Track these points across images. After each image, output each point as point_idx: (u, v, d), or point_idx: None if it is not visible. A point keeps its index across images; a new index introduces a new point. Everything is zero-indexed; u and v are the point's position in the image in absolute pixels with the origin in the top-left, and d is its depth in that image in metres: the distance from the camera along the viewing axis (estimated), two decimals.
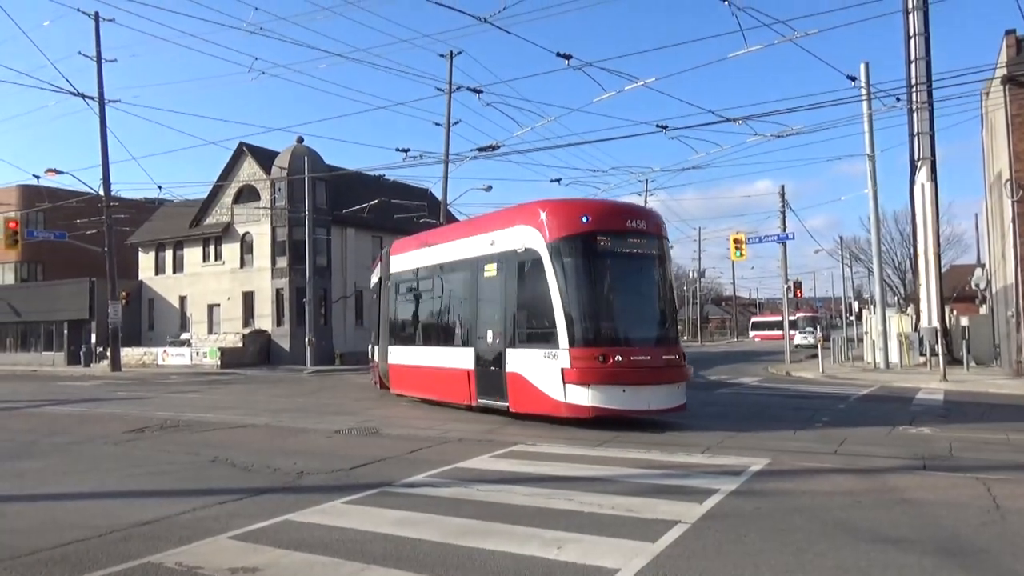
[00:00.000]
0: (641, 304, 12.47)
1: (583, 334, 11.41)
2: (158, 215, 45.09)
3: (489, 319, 13.24)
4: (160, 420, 13.79)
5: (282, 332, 37.21)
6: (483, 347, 13.26)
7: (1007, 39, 22.88)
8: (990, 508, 6.23)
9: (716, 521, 5.93)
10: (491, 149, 22.83)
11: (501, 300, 12.87)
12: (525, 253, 12.31)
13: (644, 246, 12.28)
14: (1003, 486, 7.02)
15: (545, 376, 11.65)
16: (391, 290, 17.80)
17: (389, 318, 17.85)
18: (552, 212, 12.25)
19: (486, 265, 13.41)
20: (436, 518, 6.17)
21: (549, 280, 11.74)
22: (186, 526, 6.09)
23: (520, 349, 12.26)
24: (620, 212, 12.59)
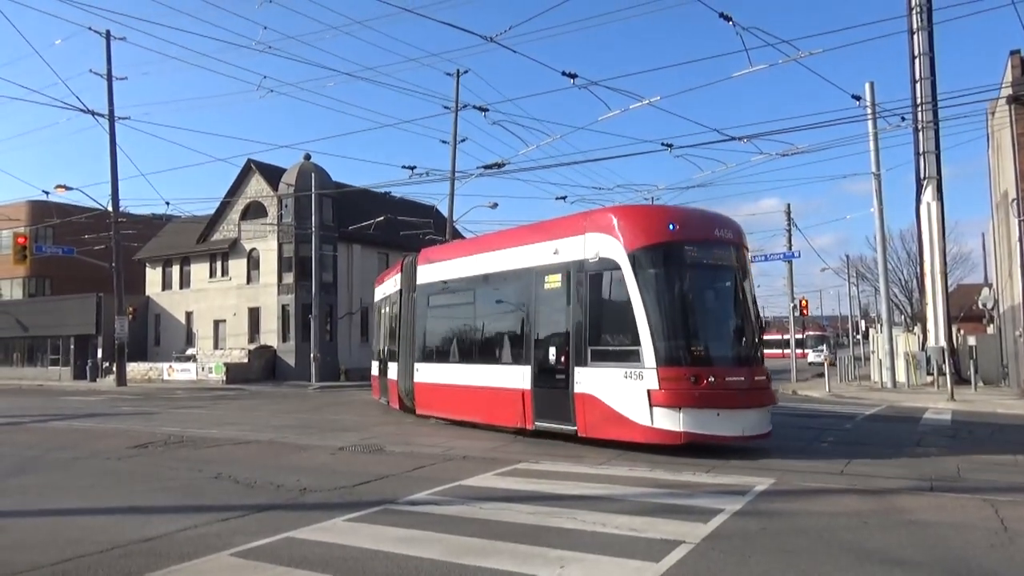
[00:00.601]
0: (730, 320, 11.55)
1: (673, 352, 10.45)
2: (166, 231, 45.34)
3: (550, 335, 12.19)
4: (164, 436, 13.78)
5: (287, 348, 37.25)
6: (543, 365, 12.13)
7: (1012, 59, 22.95)
8: (998, 530, 6.16)
9: (721, 541, 5.88)
10: (497, 167, 22.90)
11: (567, 314, 11.78)
12: (599, 263, 11.25)
13: (730, 257, 11.49)
14: (1011, 508, 6.95)
15: (626, 398, 10.59)
16: (417, 303, 16.28)
17: (415, 333, 16.24)
18: (632, 219, 11.35)
19: (547, 276, 12.24)
20: (439, 536, 6.13)
21: (631, 293, 10.70)
22: (188, 542, 6.06)
23: (593, 368, 11.12)
24: (706, 220, 11.67)
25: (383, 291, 20.52)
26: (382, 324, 20.34)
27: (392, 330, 18.52)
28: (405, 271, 17.37)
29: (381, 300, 20.81)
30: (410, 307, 16.75)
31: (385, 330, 19.73)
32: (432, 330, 15.85)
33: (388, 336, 19.12)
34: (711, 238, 11.32)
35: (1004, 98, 22.69)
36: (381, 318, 20.56)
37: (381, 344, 20.24)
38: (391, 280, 19.11)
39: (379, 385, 20.16)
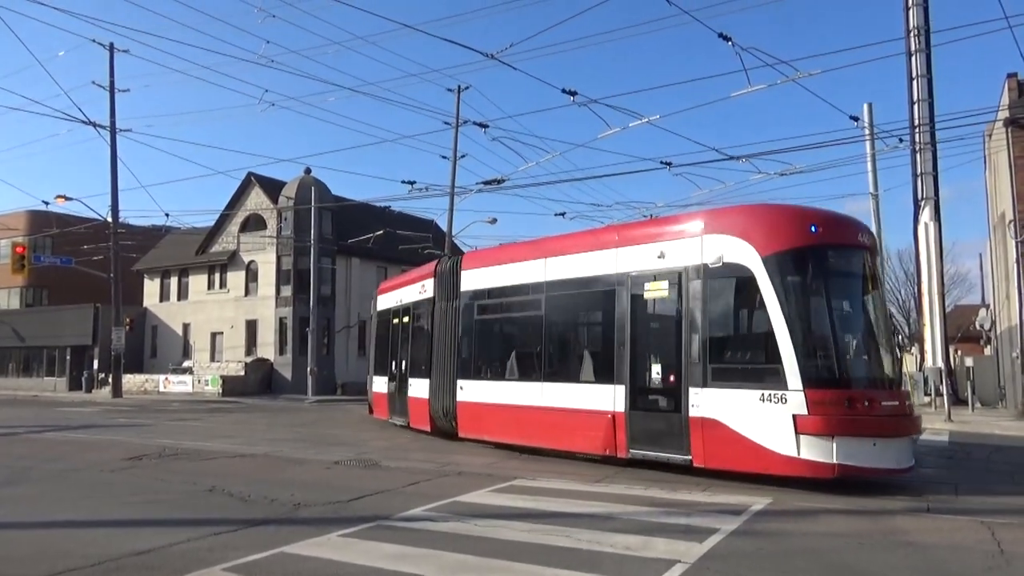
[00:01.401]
0: (877, 335, 10.23)
1: (823, 372, 9.21)
2: (164, 242, 45.36)
3: (653, 350, 10.72)
4: (159, 448, 13.71)
5: (284, 361, 37.16)
6: (641, 384, 10.67)
7: (1009, 82, 23.12)
8: (995, 553, 6.14)
9: (716, 561, 5.85)
10: (497, 183, 22.99)
11: (677, 326, 10.28)
12: (723, 269, 9.82)
13: (871, 264, 10.35)
14: (1008, 530, 6.92)
15: (762, 424, 9.17)
16: (462, 312, 14.38)
17: (458, 346, 14.40)
18: (767, 219, 10.08)
19: (648, 284, 10.73)
20: (433, 553, 6.10)
21: (768, 304, 9.32)
22: (180, 556, 6.02)
23: (716, 389, 9.65)
24: (845, 222, 10.44)
25: (396, 299, 18.25)
26: (396, 336, 17.97)
27: (416, 343, 16.59)
28: (441, 277, 15.39)
29: (393, 309, 18.43)
30: (449, 317, 14.80)
31: (401, 343, 17.52)
32: (482, 343, 14.22)
33: (408, 350, 16.92)
34: (854, 243, 10.10)
35: (1001, 121, 22.84)
36: (394, 330, 18.18)
37: (395, 358, 17.95)
38: (414, 287, 16.95)
39: (391, 404, 17.96)
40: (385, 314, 19.25)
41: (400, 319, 17.74)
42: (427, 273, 16.25)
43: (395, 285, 19.09)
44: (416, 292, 16.71)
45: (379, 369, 19.42)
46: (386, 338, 18.87)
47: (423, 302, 16.20)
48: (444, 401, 14.71)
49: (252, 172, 39.92)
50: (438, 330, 15.18)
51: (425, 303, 16.04)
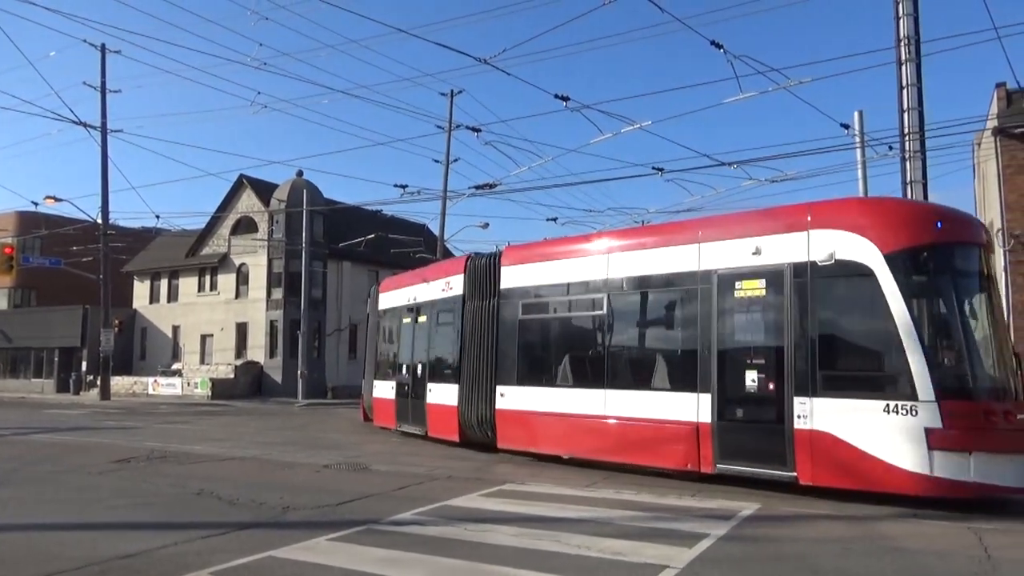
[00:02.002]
0: (1002, 341, 9.40)
1: (957, 382, 8.48)
2: (155, 244, 45.14)
3: (748, 355, 9.81)
4: (147, 451, 13.63)
5: (274, 364, 37.02)
6: (733, 393, 9.72)
7: (997, 91, 23.31)
8: (981, 558, 6.17)
9: (706, 566, 5.86)
10: (489, 187, 22.99)
11: (778, 330, 9.41)
12: (836, 267, 8.96)
13: (993, 265, 9.69)
14: (995, 536, 6.96)
15: (886, 438, 8.33)
16: (502, 311, 13.15)
17: (499, 349, 13.13)
18: (888, 213, 9.32)
19: (740, 282, 9.83)
20: (422, 557, 6.08)
21: (892, 305, 8.49)
22: (167, 560, 5.99)
23: (828, 399, 8.77)
24: (965, 218, 9.72)
25: (408, 297, 16.86)
26: (409, 337, 16.56)
27: (439, 345, 15.39)
28: (475, 273, 14.15)
29: (404, 308, 16.97)
30: (486, 317, 13.57)
31: (416, 345, 16.18)
32: (528, 346, 12.95)
33: (428, 352, 15.59)
34: (977, 240, 9.37)
35: (990, 130, 23.02)
36: (405, 330, 16.76)
37: (407, 361, 16.48)
38: (435, 284, 15.63)
39: (400, 411, 16.45)
40: (393, 313, 17.78)
41: (415, 319, 16.34)
42: (455, 269, 14.94)
43: (405, 282, 17.70)
44: (438, 290, 15.37)
45: (382, 372, 18.06)
46: (394, 339, 17.52)
47: (449, 300, 14.87)
48: (479, 409, 13.40)
49: (244, 174, 39.81)
50: (471, 331, 13.93)
51: (452, 301, 14.72)
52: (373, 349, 19.23)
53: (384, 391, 17.53)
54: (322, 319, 37.66)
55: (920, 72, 16.09)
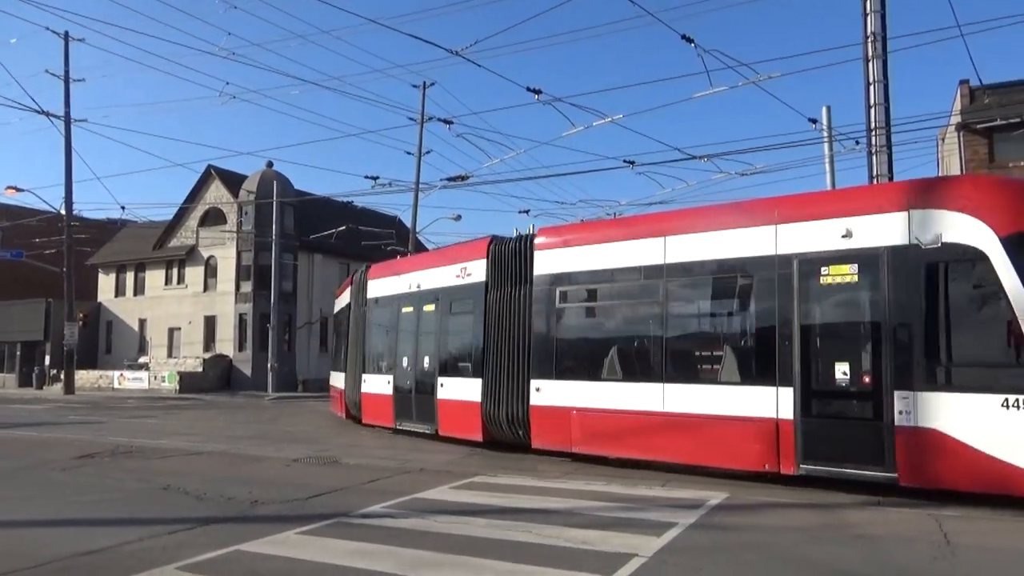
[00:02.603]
0: None
1: None
2: (120, 236, 44.34)
3: (836, 345, 9.14)
4: (112, 446, 13.41)
5: (244, 357, 36.62)
6: (819, 386, 9.01)
7: (961, 88, 23.80)
8: (941, 544, 6.31)
9: (673, 555, 5.92)
10: (461, 179, 22.95)
11: (873, 318, 8.75)
12: (943, 251, 8.27)
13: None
14: (954, 522, 7.13)
15: (1008, 437, 7.74)
16: (537, 301, 12.10)
17: (535, 341, 12.06)
18: (1002, 193, 8.72)
19: (827, 267, 9.03)
20: (392, 549, 6.07)
21: (1012, 293, 7.89)
22: (132, 556, 5.90)
23: (936, 392, 8.13)
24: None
25: (409, 285, 15.50)
26: (411, 328, 15.25)
27: (453, 336, 14.28)
28: (500, 258, 13.03)
29: (403, 296, 15.62)
30: (517, 306, 12.52)
31: (422, 336, 14.87)
32: (569, 337, 11.94)
33: (439, 344, 14.32)
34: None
35: (953, 125, 23.51)
36: (406, 320, 15.41)
37: (409, 354, 15.17)
38: (446, 270, 14.36)
39: (401, 407, 15.12)
40: (388, 302, 16.35)
41: (419, 308, 15.03)
42: (473, 253, 13.71)
43: (402, 268, 16.38)
44: (451, 276, 14.12)
45: (373, 366, 16.66)
46: (391, 330, 16.12)
47: (467, 288, 13.62)
48: (509, 406, 12.30)
49: (212, 165, 39.27)
50: (497, 321, 12.83)
51: (470, 289, 13.50)
52: (358, 341, 17.64)
53: (377, 386, 16.19)
54: (293, 312, 37.33)
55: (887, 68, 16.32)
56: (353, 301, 18.23)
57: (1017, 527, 7.07)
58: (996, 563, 5.79)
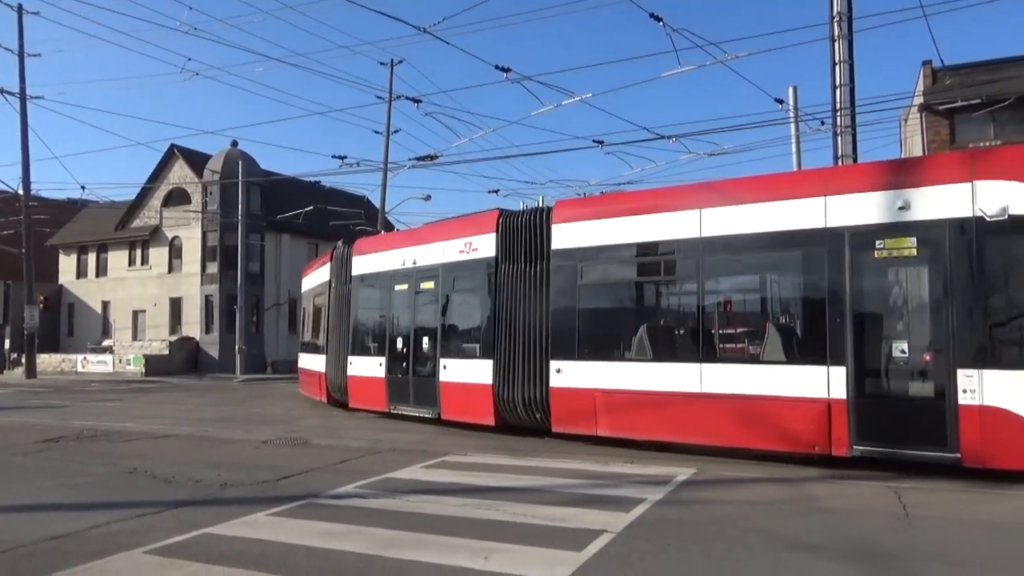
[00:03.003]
0: None
1: None
2: (81, 216, 43.33)
3: (892, 322, 8.90)
4: (77, 429, 13.20)
5: (211, 340, 36.16)
6: (875, 364, 8.70)
7: (924, 69, 24.16)
8: (900, 515, 6.50)
9: (642, 530, 6.02)
10: (430, 159, 22.76)
11: (934, 294, 8.47)
12: (1011, 223, 8.07)
13: None
14: (913, 494, 7.34)
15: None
16: (556, 277, 11.47)
17: (555, 320, 11.44)
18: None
19: (883, 240, 8.60)
20: (363, 529, 6.08)
21: None
22: (98, 540, 5.84)
23: (1005, 371, 7.91)
24: None
25: (402, 261, 14.63)
26: (404, 307, 14.50)
27: (456, 315, 13.64)
28: (510, 231, 12.33)
29: (394, 274, 14.80)
30: (531, 282, 11.91)
31: (418, 315, 14.12)
32: (593, 315, 11.41)
33: (440, 323, 13.56)
34: None
35: (916, 106, 23.86)
36: (399, 299, 14.65)
37: (403, 334, 14.38)
38: (448, 245, 13.51)
39: (395, 390, 14.36)
40: (376, 279, 15.50)
41: (416, 285, 14.21)
42: (480, 227, 12.96)
43: (394, 243, 15.47)
44: (454, 251, 13.33)
45: (361, 347, 15.76)
46: (380, 309, 15.40)
47: (472, 263, 12.91)
48: (526, 388, 11.73)
49: (175, 144, 38.42)
50: (510, 298, 12.18)
51: (477, 264, 12.82)
52: (342, 321, 16.59)
53: (366, 369, 15.28)
54: (260, 293, 36.90)
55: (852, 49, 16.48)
56: (334, 278, 17.21)
57: (975, 498, 7.29)
58: (952, 533, 5.98)
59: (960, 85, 22.25)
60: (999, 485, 7.67)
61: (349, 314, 16.35)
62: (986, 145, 21.34)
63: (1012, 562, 5.20)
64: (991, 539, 5.80)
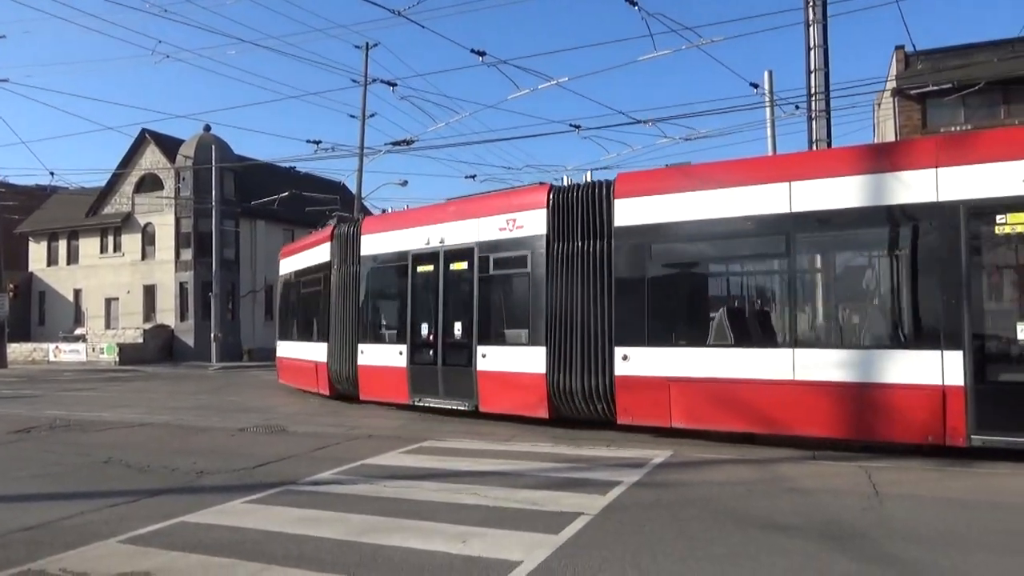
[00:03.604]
0: None
1: None
2: (51, 203, 42.55)
3: (1016, 303, 8.38)
4: (49, 419, 13.04)
5: (186, 327, 35.80)
6: (997, 349, 8.19)
7: (896, 54, 24.40)
8: (870, 495, 6.63)
9: (618, 512, 6.09)
10: (406, 143, 22.58)
11: None
12: None
13: None
14: (883, 473, 7.48)
15: None
16: (621, 257, 10.56)
17: (619, 303, 10.53)
18: None
19: (1004, 215, 8.05)
20: (341, 516, 6.09)
21: None
22: (73, 530, 5.79)
23: None
24: None
25: (426, 239, 13.49)
26: (428, 290, 13.45)
27: (497, 298, 12.57)
28: (564, 206, 11.36)
29: (415, 254, 13.69)
30: (590, 263, 10.98)
31: (448, 299, 13.04)
32: (665, 298, 10.45)
33: (475, 307, 12.42)
34: None
35: (889, 91, 24.12)
36: (422, 281, 13.57)
37: (429, 319, 13.32)
38: (484, 222, 12.44)
39: (421, 380, 13.13)
40: (393, 259, 14.29)
41: (444, 267, 13.07)
42: (526, 201, 11.96)
43: (414, 220, 14.17)
44: (493, 229, 12.26)
45: (373, 335, 14.67)
46: (399, 293, 14.24)
47: (517, 242, 11.79)
48: (586, 377, 10.79)
49: (146, 128, 37.82)
50: (562, 281, 11.23)
51: (523, 244, 11.72)
52: (349, 306, 15.30)
53: (383, 357, 14.08)
54: (236, 280, 36.56)
55: (827, 34, 16.56)
56: (336, 260, 15.84)
57: (943, 476, 7.46)
58: (920, 511, 6.11)
59: (932, 70, 22.51)
60: (966, 462, 7.85)
61: (358, 298, 15.07)
62: (957, 129, 21.65)
63: (978, 538, 5.34)
64: (958, 516, 5.94)
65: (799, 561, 4.83)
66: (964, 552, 4.97)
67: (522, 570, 4.70)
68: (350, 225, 15.89)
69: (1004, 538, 5.32)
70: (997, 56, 21.99)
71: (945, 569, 4.67)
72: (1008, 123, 21.34)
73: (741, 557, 4.93)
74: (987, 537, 5.35)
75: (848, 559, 4.85)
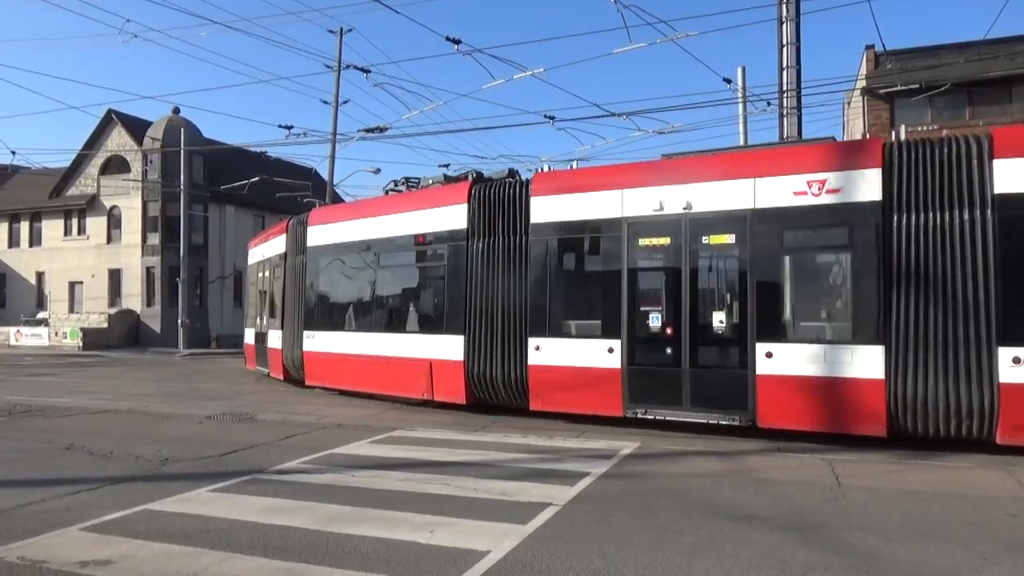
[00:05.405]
0: None
1: None
2: (12, 184, 41.53)
3: None
4: (9, 405, 12.76)
5: (152, 313, 35.23)
6: None
7: (867, 53, 24.73)
8: (833, 486, 6.76)
9: (585, 503, 6.13)
10: (379, 130, 22.45)
11: None
12: None
13: None
14: (846, 466, 7.63)
15: None
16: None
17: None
18: None
19: None
20: (308, 505, 6.05)
21: None
22: (32, 518, 5.69)
23: None
24: None
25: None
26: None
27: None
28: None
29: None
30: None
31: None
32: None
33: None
34: None
35: (859, 90, 24.44)
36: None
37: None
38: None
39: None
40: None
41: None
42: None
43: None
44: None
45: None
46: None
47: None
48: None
49: (113, 109, 36.99)
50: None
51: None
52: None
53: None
54: (204, 265, 36.03)
55: (799, 31, 16.71)
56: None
57: (904, 468, 7.62)
58: (881, 501, 6.24)
59: (900, 70, 22.85)
60: (927, 455, 8.03)
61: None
62: (923, 130, 22.01)
63: (936, 529, 5.46)
64: (917, 507, 6.08)
65: (763, 551, 4.90)
66: (920, 543, 5.09)
67: (489, 560, 4.72)
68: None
69: (959, 529, 5.46)
70: (964, 58, 22.38)
71: (901, 559, 4.77)
72: (973, 124, 21.75)
73: (707, 547, 5.00)
74: (943, 528, 5.48)
75: (809, 550, 4.94)
